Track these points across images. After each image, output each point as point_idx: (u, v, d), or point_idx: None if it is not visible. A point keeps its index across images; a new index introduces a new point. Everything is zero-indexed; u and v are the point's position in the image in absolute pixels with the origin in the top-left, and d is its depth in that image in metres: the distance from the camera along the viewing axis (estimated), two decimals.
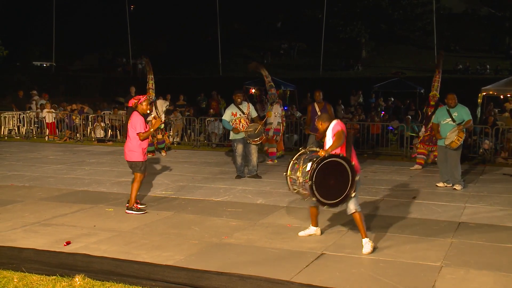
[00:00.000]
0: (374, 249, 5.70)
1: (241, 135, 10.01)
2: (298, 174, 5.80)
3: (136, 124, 7.23)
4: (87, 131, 17.29)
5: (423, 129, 11.70)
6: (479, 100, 18.46)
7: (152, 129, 7.37)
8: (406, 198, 8.51)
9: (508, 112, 17.69)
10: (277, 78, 24.20)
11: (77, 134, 17.02)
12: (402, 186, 9.55)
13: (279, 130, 12.29)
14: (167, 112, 16.41)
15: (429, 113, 11.22)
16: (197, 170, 11.23)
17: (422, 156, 11.54)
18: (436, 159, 11.45)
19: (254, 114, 10.25)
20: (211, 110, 19.11)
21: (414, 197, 8.56)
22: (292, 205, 7.94)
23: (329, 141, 5.86)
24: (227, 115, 10.13)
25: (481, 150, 13.27)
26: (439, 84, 11.50)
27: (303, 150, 6.06)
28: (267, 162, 12.25)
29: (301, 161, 5.88)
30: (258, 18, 39.80)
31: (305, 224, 6.84)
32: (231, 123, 10.03)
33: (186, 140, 16.52)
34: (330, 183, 5.63)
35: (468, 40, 36.23)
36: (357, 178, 5.66)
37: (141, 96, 7.45)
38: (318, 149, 5.87)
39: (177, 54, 36.04)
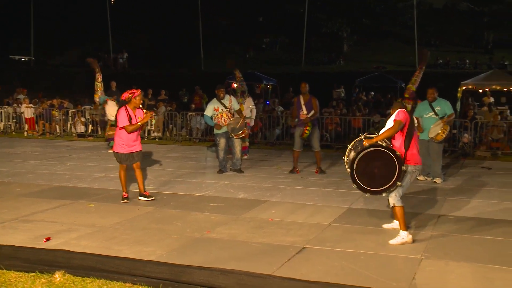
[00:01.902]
0: (410, 243, 5.74)
1: (223, 129, 9.99)
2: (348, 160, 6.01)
3: (118, 118, 7.47)
4: (67, 126, 17.09)
5: None
6: (458, 95, 18.69)
7: (140, 123, 7.50)
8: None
9: (486, 106, 17.94)
10: (259, 73, 24.21)
11: (57, 129, 16.82)
12: None
13: (248, 124, 12.14)
14: (148, 107, 16.29)
15: (408, 108, 11.28)
16: (179, 165, 11.19)
17: None
18: None
19: (236, 107, 10.21)
20: (193, 105, 18.98)
21: None
22: (274, 199, 7.95)
23: (387, 127, 5.97)
24: (209, 110, 10.09)
25: (461, 144, 13.44)
26: (418, 79, 11.56)
27: (361, 136, 6.17)
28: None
29: (353, 148, 6.08)
30: (240, 13, 39.67)
31: (287, 218, 6.87)
32: (213, 118, 10.01)
33: (168, 135, 16.43)
34: (374, 171, 5.72)
35: (448, 35, 36.62)
36: (404, 168, 5.68)
37: (135, 90, 7.57)
38: (372, 136, 5.99)
39: (159, 49, 35.77)
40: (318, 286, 4.42)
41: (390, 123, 5.95)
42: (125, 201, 7.69)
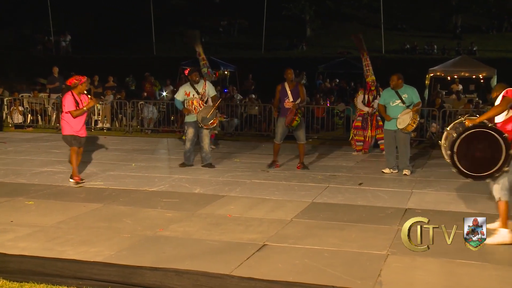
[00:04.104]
0: (510, 243, 5.61)
1: (193, 118, 9.83)
2: (447, 143, 5.98)
3: (65, 102, 8.24)
4: (2, 115, 16.59)
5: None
6: (426, 82, 19.13)
7: (85, 108, 8.30)
8: (352, 184, 8.73)
9: (455, 94, 18.44)
10: (216, 58, 24.10)
11: None
12: (348, 172, 9.78)
13: None
14: (95, 95, 16.00)
15: (370, 99, 11.59)
16: (130, 158, 11.05)
17: (361, 143, 11.88)
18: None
19: (212, 93, 9.99)
20: (145, 93, 18.76)
21: (360, 183, 8.78)
22: (232, 193, 7.96)
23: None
24: (180, 94, 9.92)
25: (429, 134, 13.75)
26: (371, 67, 11.88)
27: (462, 119, 6.08)
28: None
29: (454, 131, 5.98)
30: None
31: (246, 213, 6.89)
32: (184, 104, 9.82)
33: (117, 125, 16.20)
34: (477, 154, 5.62)
35: (416, 19, 37.38)
36: (511, 152, 5.54)
37: (82, 77, 8.33)
38: (474, 117, 5.87)
39: (107, 31, 35.10)
40: (279, 286, 4.47)
41: (497, 102, 5.79)
42: (80, 185, 8.27)
